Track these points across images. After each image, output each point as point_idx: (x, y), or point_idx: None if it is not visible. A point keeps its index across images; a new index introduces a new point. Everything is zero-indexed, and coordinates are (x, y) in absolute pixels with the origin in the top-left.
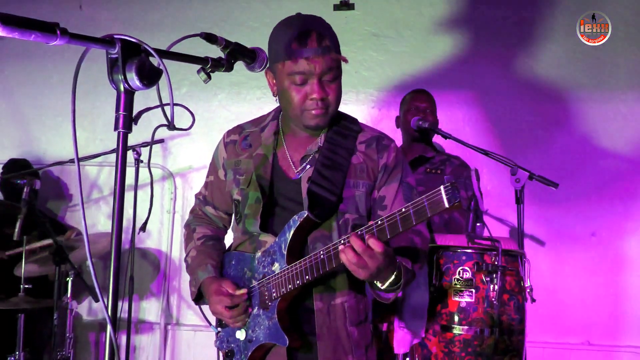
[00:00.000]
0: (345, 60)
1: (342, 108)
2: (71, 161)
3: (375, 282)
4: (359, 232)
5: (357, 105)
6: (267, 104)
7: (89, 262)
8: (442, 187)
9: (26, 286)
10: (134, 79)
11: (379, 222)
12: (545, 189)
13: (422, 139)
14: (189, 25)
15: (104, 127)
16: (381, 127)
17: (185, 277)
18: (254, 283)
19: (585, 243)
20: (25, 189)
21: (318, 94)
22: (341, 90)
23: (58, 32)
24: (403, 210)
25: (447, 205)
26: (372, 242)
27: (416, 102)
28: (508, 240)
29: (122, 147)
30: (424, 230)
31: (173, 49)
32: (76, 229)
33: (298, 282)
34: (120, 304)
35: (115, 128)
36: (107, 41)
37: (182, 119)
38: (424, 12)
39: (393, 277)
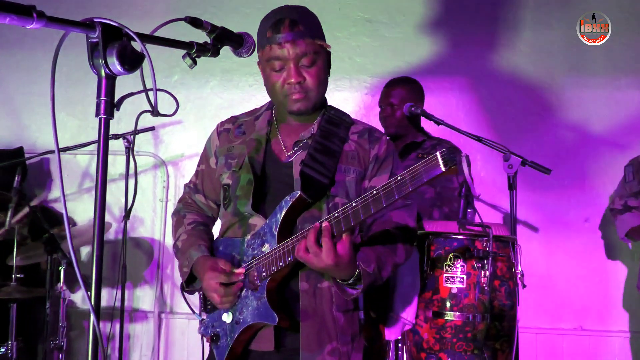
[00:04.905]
0: (327, 46)
1: (336, 94)
2: (62, 150)
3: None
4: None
5: (350, 91)
6: (259, 90)
7: (82, 251)
8: (438, 152)
9: (18, 275)
10: (115, 64)
11: (374, 192)
12: (538, 175)
13: (411, 125)
14: (180, 12)
15: None
16: (374, 113)
17: None
18: (243, 266)
19: (579, 229)
20: (16, 178)
21: (294, 78)
22: (323, 76)
23: (34, 14)
24: (399, 177)
25: (443, 168)
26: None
27: (388, 97)
28: (500, 226)
29: (104, 134)
30: (410, 222)
31: (157, 34)
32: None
33: (289, 258)
34: (114, 292)
35: (97, 114)
36: (87, 25)
37: (172, 106)
38: None
39: (352, 279)
